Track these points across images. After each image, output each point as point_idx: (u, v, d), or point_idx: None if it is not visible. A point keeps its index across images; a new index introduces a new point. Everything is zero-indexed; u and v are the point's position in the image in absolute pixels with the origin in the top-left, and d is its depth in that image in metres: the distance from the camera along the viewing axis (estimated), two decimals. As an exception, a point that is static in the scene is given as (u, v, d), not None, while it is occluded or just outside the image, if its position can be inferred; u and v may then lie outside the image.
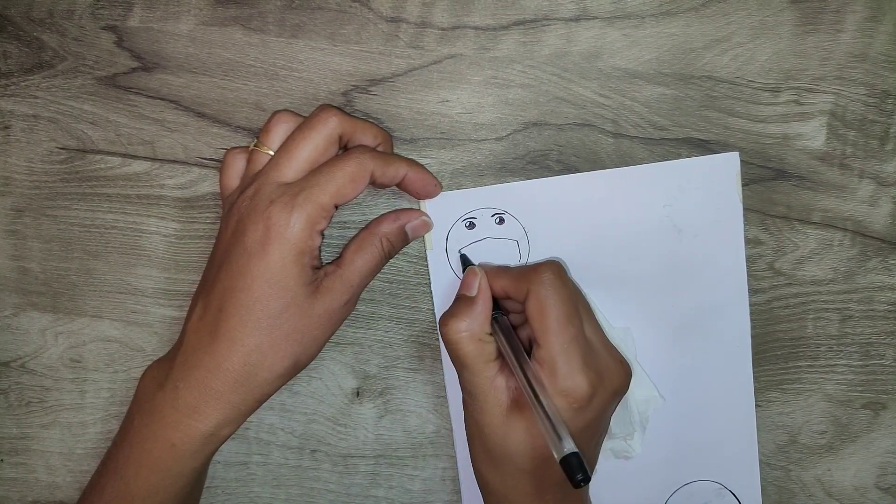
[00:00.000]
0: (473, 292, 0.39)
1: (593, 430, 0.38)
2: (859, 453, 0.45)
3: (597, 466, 0.44)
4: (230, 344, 0.36)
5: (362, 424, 0.45)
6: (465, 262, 0.43)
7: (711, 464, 0.44)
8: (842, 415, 0.44)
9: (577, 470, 0.33)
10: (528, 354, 0.37)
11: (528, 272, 0.38)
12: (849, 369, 0.44)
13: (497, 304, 0.40)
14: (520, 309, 0.39)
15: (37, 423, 0.45)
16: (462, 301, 0.39)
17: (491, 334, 0.38)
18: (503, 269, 0.40)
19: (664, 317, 0.43)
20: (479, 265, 0.42)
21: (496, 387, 0.37)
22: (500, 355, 0.38)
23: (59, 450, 0.45)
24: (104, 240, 0.44)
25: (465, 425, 0.39)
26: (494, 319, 0.39)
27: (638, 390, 0.43)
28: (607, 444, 0.43)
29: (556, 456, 0.34)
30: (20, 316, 0.45)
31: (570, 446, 0.33)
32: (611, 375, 0.38)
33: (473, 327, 0.38)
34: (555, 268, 0.38)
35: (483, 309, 0.38)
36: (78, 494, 0.40)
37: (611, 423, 0.41)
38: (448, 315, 0.38)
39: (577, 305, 0.38)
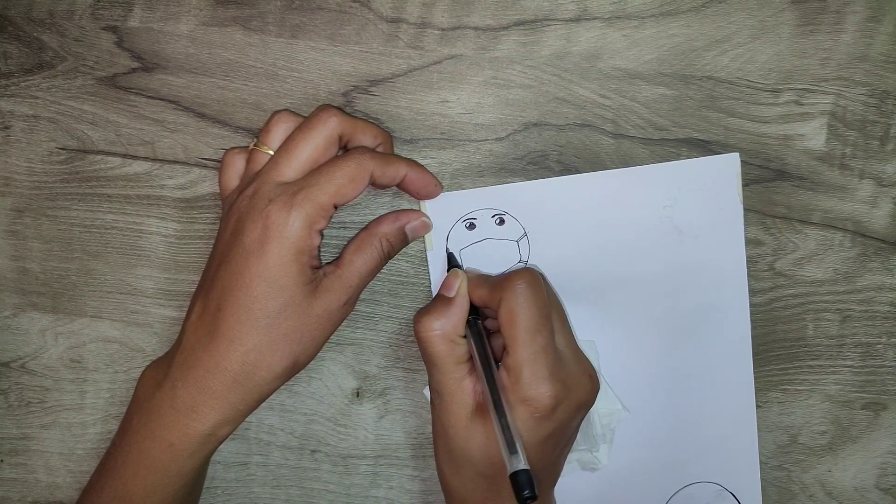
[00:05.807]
0: (452, 294, 0.39)
1: (555, 441, 0.38)
2: (859, 454, 0.45)
3: (597, 468, 0.44)
4: (228, 343, 0.36)
5: (362, 425, 0.45)
6: (452, 261, 0.42)
7: (712, 465, 0.44)
8: (842, 415, 0.44)
9: (525, 486, 0.33)
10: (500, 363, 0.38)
11: (502, 281, 0.38)
12: (849, 370, 0.44)
13: (477, 310, 0.40)
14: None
15: (37, 423, 0.45)
16: (439, 300, 0.39)
17: (464, 337, 0.38)
18: (483, 278, 0.40)
19: (664, 318, 0.43)
20: (466, 270, 0.42)
21: (463, 389, 0.38)
22: (471, 359, 0.38)
23: (59, 450, 0.45)
24: (104, 240, 0.44)
25: (432, 425, 0.40)
26: (469, 323, 0.39)
27: (601, 403, 0.42)
28: (573, 456, 0.43)
29: (507, 468, 0.34)
30: (20, 316, 0.45)
31: (521, 463, 0.34)
32: (577, 388, 0.37)
33: (447, 327, 0.38)
34: (528, 277, 0.37)
35: (458, 311, 0.39)
36: (78, 495, 0.40)
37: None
38: (423, 312, 0.39)
39: (550, 315, 0.38)
